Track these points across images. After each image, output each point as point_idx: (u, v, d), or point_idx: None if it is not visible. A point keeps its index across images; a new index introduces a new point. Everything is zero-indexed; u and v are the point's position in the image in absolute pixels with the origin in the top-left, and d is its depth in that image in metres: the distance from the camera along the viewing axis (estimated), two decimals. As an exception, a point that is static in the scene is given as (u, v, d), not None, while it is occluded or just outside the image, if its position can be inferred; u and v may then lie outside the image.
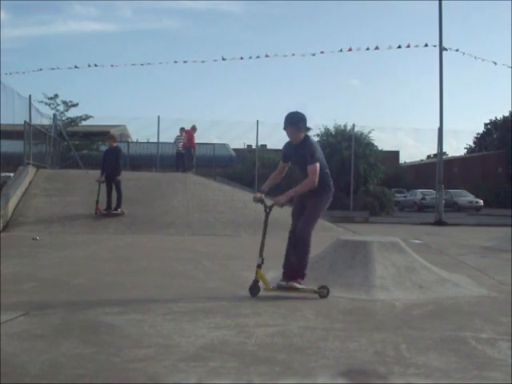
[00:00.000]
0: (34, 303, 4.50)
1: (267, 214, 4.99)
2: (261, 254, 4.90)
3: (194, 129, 19.22)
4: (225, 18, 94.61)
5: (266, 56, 21.57)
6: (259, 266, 4.86)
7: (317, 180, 4.86)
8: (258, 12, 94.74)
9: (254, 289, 4.87)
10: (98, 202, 12.08)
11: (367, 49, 21.03)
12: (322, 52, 22.12)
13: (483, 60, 21.34)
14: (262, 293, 4.84)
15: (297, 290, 4.87)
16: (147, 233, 11.23)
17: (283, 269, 5.04)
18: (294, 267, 4.95)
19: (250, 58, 21.73)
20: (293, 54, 24.62)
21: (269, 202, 5.06)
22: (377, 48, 20.73)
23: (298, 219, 5.00)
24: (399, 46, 20.59)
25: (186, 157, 18.74)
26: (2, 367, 2.81)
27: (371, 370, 2.92)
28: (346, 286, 5.17)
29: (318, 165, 4.87)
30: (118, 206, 12.22)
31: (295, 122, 4.99)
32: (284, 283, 4.90)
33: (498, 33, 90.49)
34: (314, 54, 23.11)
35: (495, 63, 21.28)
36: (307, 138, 5.03)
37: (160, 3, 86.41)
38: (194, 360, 3.03)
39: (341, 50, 21.54)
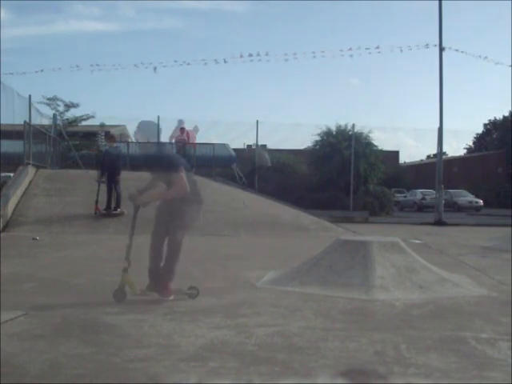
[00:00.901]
0: (34, 303, 4.50)
1: (135, 215, 4.80)
2: (127, 257, 4.66)
3: (196, 129, 19.27)
4: (228, 18, 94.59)
5: (266, 55, 21.57)
6: (125, 270, 4.61)
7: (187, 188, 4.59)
8: (261, 12, 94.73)
9: (119, 294, 4.57)
10: (97, 201, 12.08)
11: (367, 49, 21.10)
12: (323, 52, 22.21)
13: (484, 59, 21.38)
14: (129, 297, 4.61)
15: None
16: (147, 233, 11.20)
17: (150, 276, 4.75)
18: (165, 270, 4.70)
19: (250, 55, 21.67)
20: (294, 54, 24.68)
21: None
22: (377, 48, 20.78)
23: (163, 224, 4.84)
24: (399, 47, 20.67)
25: (187, 157, 18.77)
26: (2, 367, 2.81)
27: (371, 370, 2.92)
28: (345, 285, 5.18)
29: (182, 174, 4.60)
30: (118, 205, 12.22)
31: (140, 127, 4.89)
32: (154, 293, 4.67)
33: (498, 33, 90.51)
34: (313, 53, 23.17)
35: (496, 63, 21.33)
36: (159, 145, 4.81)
37: (163, 3, 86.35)
38: (194, 360, 3.03)
39: (341, 50, 21.62)
